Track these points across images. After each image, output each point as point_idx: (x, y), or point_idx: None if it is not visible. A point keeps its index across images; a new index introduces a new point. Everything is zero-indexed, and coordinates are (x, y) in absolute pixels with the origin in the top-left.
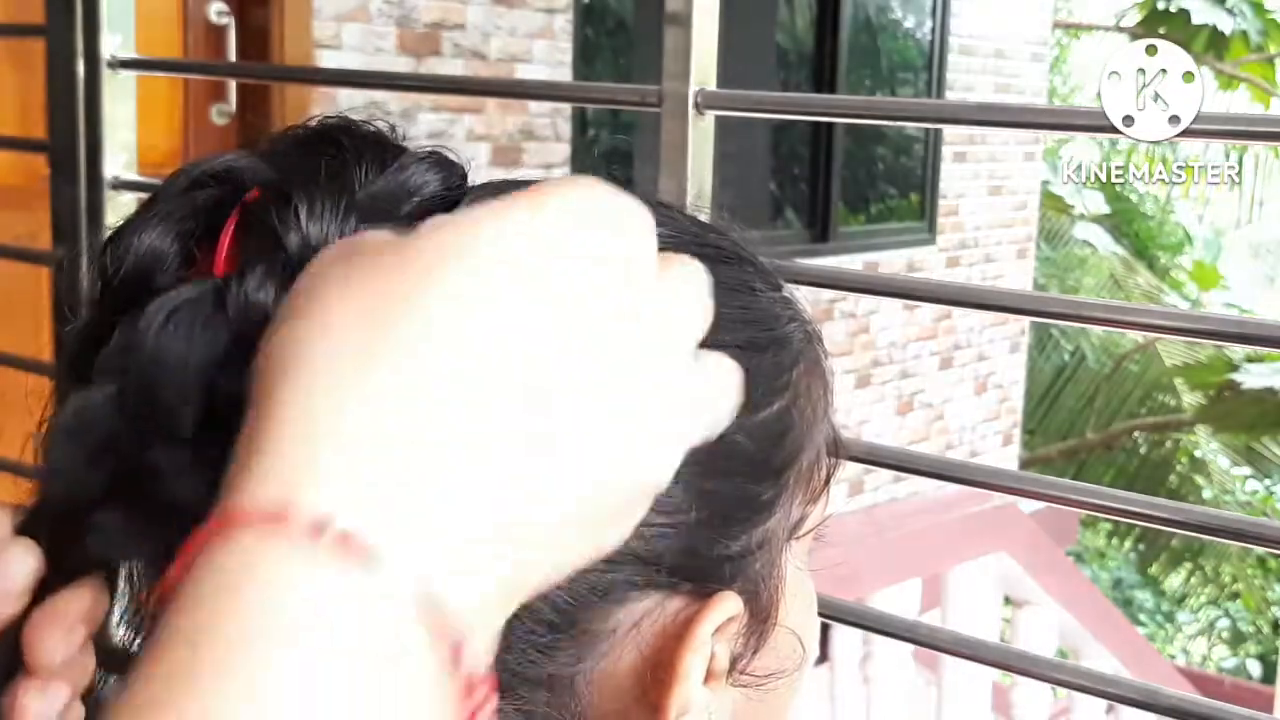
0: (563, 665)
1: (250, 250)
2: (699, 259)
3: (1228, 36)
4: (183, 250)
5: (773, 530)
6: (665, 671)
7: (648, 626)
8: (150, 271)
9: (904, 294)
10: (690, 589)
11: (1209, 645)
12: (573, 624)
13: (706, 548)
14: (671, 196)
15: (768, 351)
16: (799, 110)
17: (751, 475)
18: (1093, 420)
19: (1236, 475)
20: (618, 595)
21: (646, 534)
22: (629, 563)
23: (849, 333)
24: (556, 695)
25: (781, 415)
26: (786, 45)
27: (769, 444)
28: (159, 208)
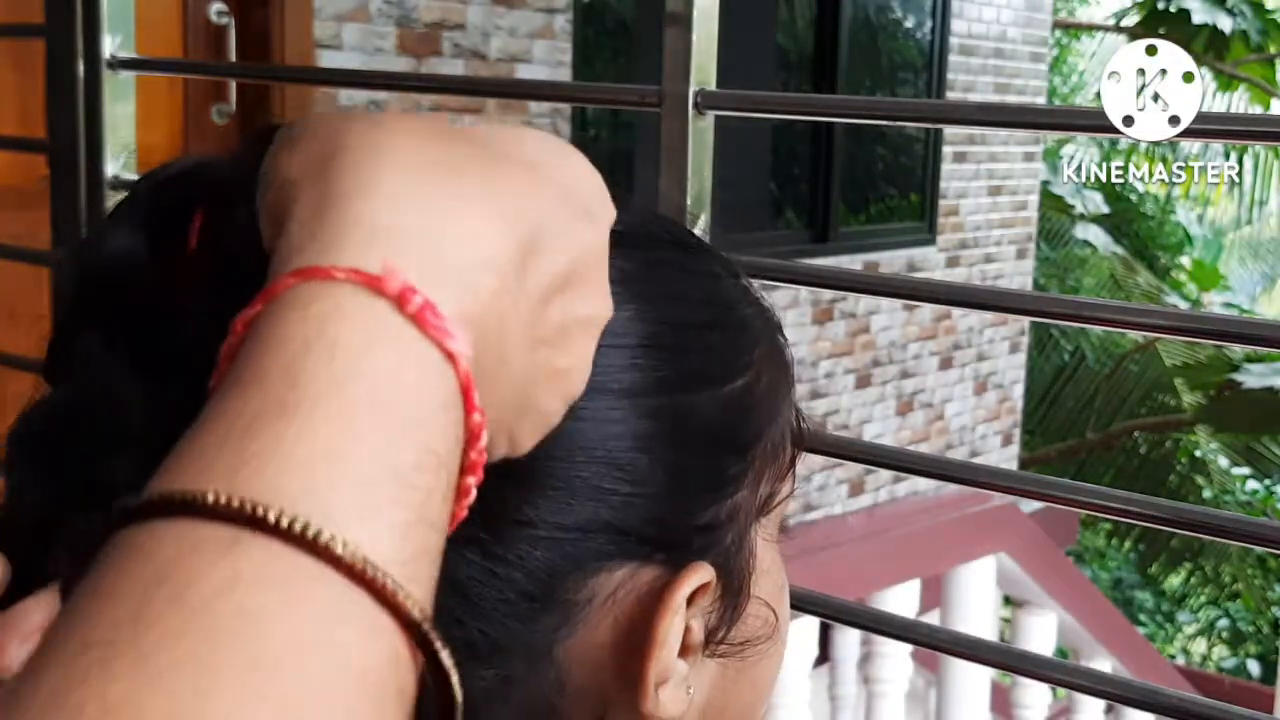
0: (540, 635)
1: (209, 252)
2: (662, 245)
3: (1228, 36)
4: (150, 250)
5: (741, 505)
6: (642, 640)
7: (623, 596)
8: (119, 271)
9: (904, 294)
10: (663, 559)
11: (1209, 645)
12: (549, 593)
13: (675, 518)
14: (672, 196)
15: (728, 331)
16: (799, 110)
17: (716, 448)
18: (1093, 420)
19: (1236, 475)
20: (592, 565)
21: (615, 502)
22: (601, 530)
23: (849, 333)
24: (535, 665)
25: (744, 392)
26: (786, 45)
27: (732, 419)
28: (125, 210)
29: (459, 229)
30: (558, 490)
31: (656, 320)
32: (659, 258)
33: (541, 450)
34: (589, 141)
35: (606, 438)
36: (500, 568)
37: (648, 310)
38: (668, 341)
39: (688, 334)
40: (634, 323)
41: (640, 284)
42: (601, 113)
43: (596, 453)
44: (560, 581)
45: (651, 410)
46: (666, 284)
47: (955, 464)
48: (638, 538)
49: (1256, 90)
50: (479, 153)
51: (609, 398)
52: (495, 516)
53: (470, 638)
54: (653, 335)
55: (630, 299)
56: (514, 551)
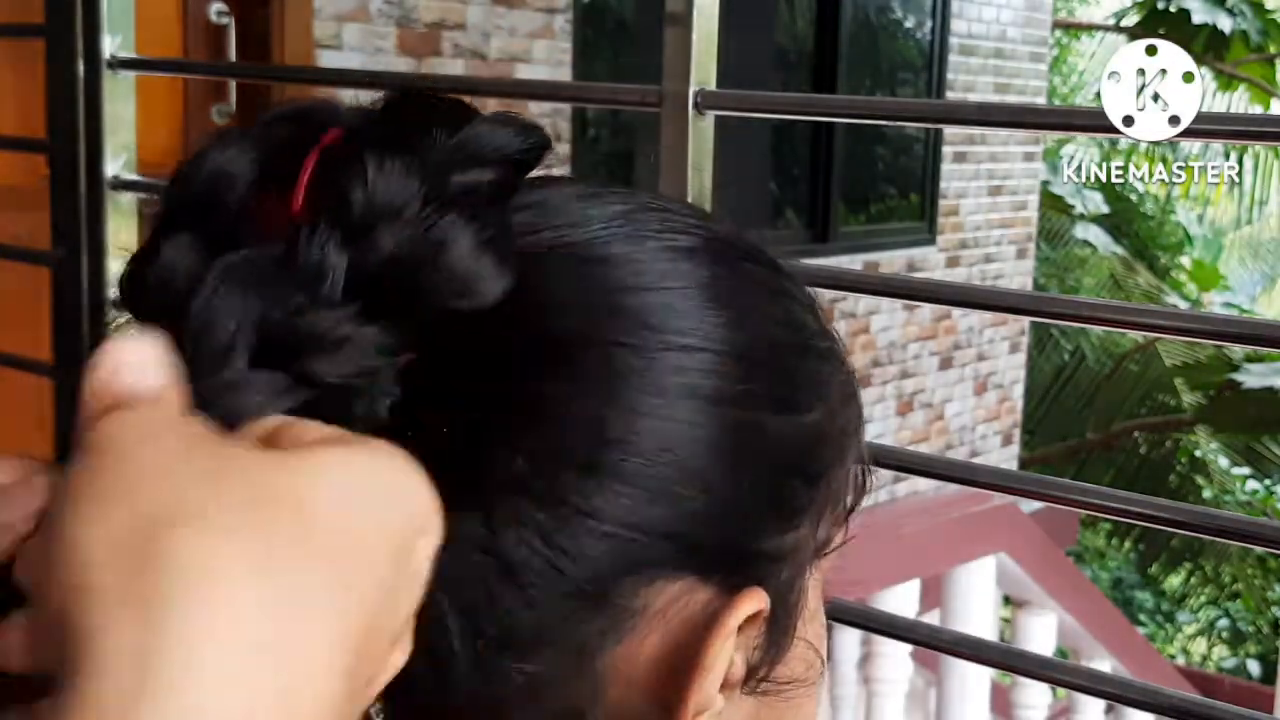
0: (587, 636)
1: (320, 199)
2: (754, 260)
3: (1228, 36)
4: (255, 176)
5: (803, 540)
6: (687, 663)
7: (674, 613)
8: (218, 192)
9: (904, 294)
10: (720, 580)
11: (1209, 645)
12: (603, 593)
13: (740, 539)
14: (671, 196)
15: (813, 359)
16: (799, 110)
17: (789, 475)
18: (1093, 420)
19: (1236, 475)
20: (650, 572)
21: (684, 509)
22: (665, 537)
23: (849, 333)
24: (577, 667)
25: (819, 425)
26: (786, 45)
27: (806, 450)
28: (237, 134)
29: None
30: (629, 486)
31: (747, 333)
32: (751, 272)
33: (617, 443)
34: (589, 142)
35: (684, 441)
36: (559, 558)
37: (738, 321)
38: (756, 357)
39: (776, 353)
40: (723, 330)
41: (732, 294)
42: (601, 113)
43: (672, 455)
44: (616, 583)
45: (732, 422)
46: (758, 300)
47: (955, 464)
48: (700, 552)
49: (1256, 90)
50: (324, 579)
51: (693, 401)
52: (560, 502)
53: (516, 626)
54: (742, 347)
55: (721, 307)
56: (576, 543)
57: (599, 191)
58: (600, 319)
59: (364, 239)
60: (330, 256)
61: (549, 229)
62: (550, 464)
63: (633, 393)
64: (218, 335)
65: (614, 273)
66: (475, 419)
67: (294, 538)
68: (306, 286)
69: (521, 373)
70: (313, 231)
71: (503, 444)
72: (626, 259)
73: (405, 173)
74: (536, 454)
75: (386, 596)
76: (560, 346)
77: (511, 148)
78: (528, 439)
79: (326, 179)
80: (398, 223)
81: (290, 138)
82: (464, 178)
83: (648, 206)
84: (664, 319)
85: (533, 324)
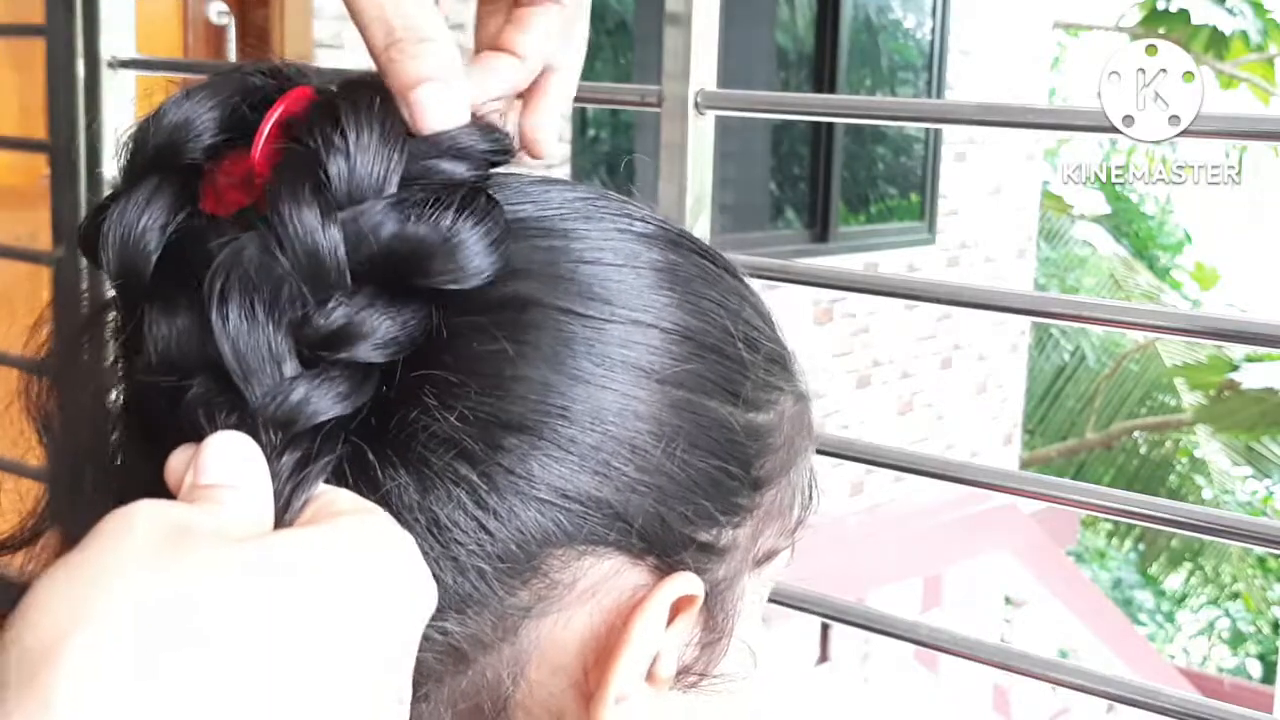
0: (511, 604)
1: (290, 166)
2: (704, 254)
3: (1228, 36)
4: (218, 125)
5: (740, 541)
6: (612, 647)
7: (605, 591)
8: (181, 142)
9: (904, 294)
10: (654, 564)
11: (1209, 645)
12: (532, 561)
13: (676, 522)
14: (671, 196)
15: (762, 356)
16: (799, 110)
17: (730, 469)
18: (1093, 420)
19: (1236, 475)
20: (581, 545)
21: (620, 483)
22: (598, 509)
23: (849, 333)
24: (495, 637)
25: (766, 429)
26: (786, 45)
27: (751, 449)
28: (202, 85)
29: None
30: (564, 452)
31: (696, 318)
32: (705, 265)
33: (556, 408)
34: (589, 142)
35: (624, 414)
36: (488, 519)
37: (689, 305)
38: (705, 341)
39: (725, 342)
40: (673, 310)
41: (685, 280)
42: (601, 113)
43: (612, 426)
44: (545, 552)
45: (676, 401)
46: (710, 289)
47: (955, 464)
48: (634, 530)
49: (1257, 90)
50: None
51: (636, 374)
52: (494, 463)
53: (440, 586)
54: (690, 329)
55: (673, 289)
56: (506, 505)
57: (559, 180)
58: (549, 285)
59: (352, 212)
60: (323, 234)
61: (507, 204)
62: (486, 424)
63: (577, 359)
64: (260, 345)
65: (570, 245)
66: (415, 377)
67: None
68: (309, 269)
69: (464, 332)
70: (296, 204)
71: (439, 402)
72: (581, 235)
73: (383, 146)
74: (473, 413)
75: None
76: (505, 308)
77: (481, 147)
78: (465, 398)
79: (298, 140)
80: (381, 200)
81: (255, 90)
82: (441, 163)
83: (607, 196)
84: (614, 292)
85: (481, 287)
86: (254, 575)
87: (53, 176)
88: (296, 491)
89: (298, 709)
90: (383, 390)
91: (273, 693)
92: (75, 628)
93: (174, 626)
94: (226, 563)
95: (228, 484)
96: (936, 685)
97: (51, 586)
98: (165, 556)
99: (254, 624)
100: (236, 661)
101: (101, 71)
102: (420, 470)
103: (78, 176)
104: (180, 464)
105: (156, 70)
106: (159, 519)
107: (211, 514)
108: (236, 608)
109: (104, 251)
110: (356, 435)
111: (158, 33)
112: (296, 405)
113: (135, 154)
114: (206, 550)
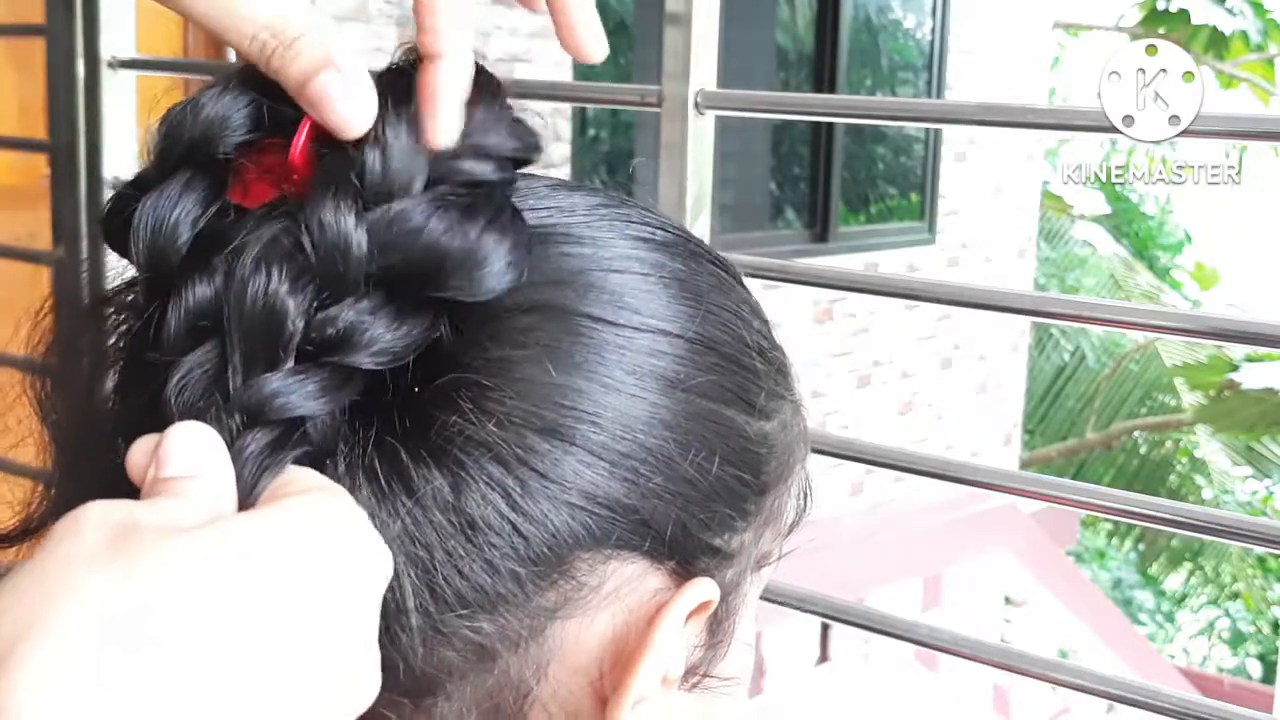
0: (540, 605)
1: (330, 161)
2: (717, 264)
3: (1228, 36)
4: (252, 121)
5: (746, 545)
6: (631, 649)
7: (626, 596)
8: (216, 137)
9: (904, 294)
10: (671, 569)
11: (1209, 645)
12: (562, 563)
13: (695, 528)
14: (671, 196)
15: (772, 367)
16: (799, 110)
17: (744, 475)
18: (1093, 420)
19: (1236, 475)
20: (608, 549)
21: (645, 490)
22: (625, 515)
23: (849, 333)
24: (522, 637)
25: (773, 434)
26: (786, 45)
27: (761, 451)
28: (236, 78)
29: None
30: (595, 458)
31: (716, 328)
32: (719, 275)
33: (588, 415)
34: (589, 142)
35: (653, 422)
36: (522, 521)
37: (708, 316)
38: (724, 352)
39: (742, 353)
40: (695, 322)
41: (703, 291)
42: (601, 113)
43: (640, 434)
44: (574, 555)
45: (699, 411)
46: (726, 300)
47: (955, 464)
48: (657, 535)
49: (1257, 90)
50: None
51: (663, 384)
52: (528, 468)
53: (472, 586)
54: (711, 340)
55: (693, 299)
56: (539, 508)
57: (578, 184)
58: (581, 293)
59: (381, 213)
60: (351, 231)
61: (532, 211)
62: (521, 429)
63: (609, 368)
64: (271, 329)
65: (599, 253)
66: (450, 380)
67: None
68: (331, 266)
69: (499, 338)
70: (326, 197)
71: (475, 405)
72: (607, 243)
73: (413, 147)
74: (508, 418)
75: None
76: (539, 314)
77: (508, 147)
78: (501, 402)
79: (329, 138)
80: (409, 199)
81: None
82: (467, 164)
83: (625, 202)
84: (643, 302)
85: (513, 291)
86: (199, 564)
87: (53, 176)
88: (260, 479)
89: (259, 694)
90: (415, 391)
91: (231, 680)
92: (22, 638)
93: (122, 628)
94: (170, 558)
95: (188, 475)
96: (936, 685)
97: (2, 598)
98: (111, 558)
99: (202, 615)
100: (186, 656)
101: (101, 71)
102: (455, 472)
103: (78, 176)
104: (142, 455)
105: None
106: (106, 520)
107: (161, 509)
108: (183, 601)
109: (134, 242)
110: (390, 436)
111: (158, 33)
112: (267, 397)
113: (169, 145)
114: (150, 546)
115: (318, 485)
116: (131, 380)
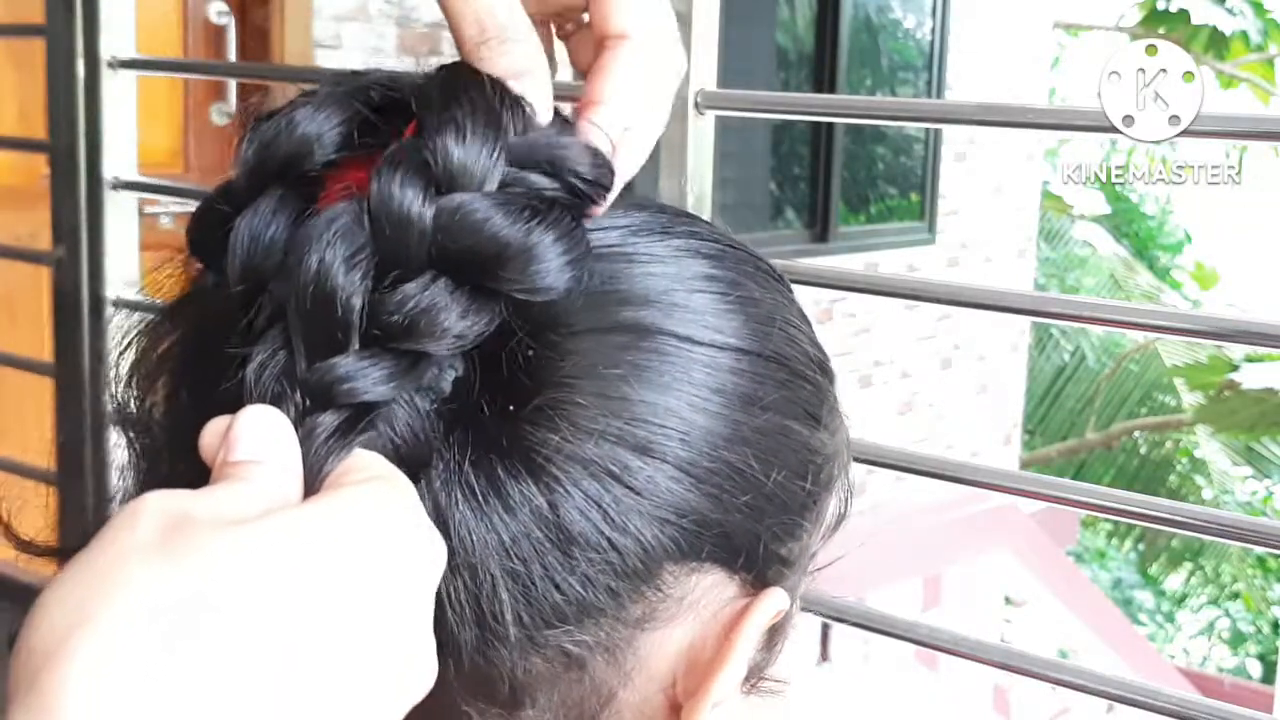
0: (630, 617)
1: (402, 147)
2: (770, 276)
3: (1228, 36)
4: (341, 140)
5: (805, 550)
6: (706, 657)
7: (705, 604)
8: (307, 154)
9: (904, 294)
10: (745, 579)
11: (1209, 645)
12: (651, 575)
13: (769, 539)
14: (671, 197)
15: (826, 378)
16: (799, 110)
17: (803, 484)
18: (1093, 420)
19: (1236, 475)
20: (692, 561)
21: (726, 504)
22: (707, 528)
23: (849, 333)
24: (612, 647)
25: (824, 444)
26: (786, 45)
27: (822, 461)
28: (322, 97)
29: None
30: (683, 474)
31: (786, 343)
32: (779, 291)
33: (677, 433)
34: None
35: (735, 439)
36: (617, 535)
37: (782, 333)
38: (792, 368)
39: (806, 367)
40: (764, 340)
41: (768, 308)
42: None
43: (724, 451)
44: (663, 567)
45: (775, 428)
46: (788, 316)
47: (955, 464)
48: (734, 547)
49: (1257, 90)
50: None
51: (744, 402)
52: (623, 483)
53: (568, 599)
54: (785, 356)
55: (770, 316)
56: (632, 523)
57: (634, 199)
58: (666, 312)
59: (447, 200)
60: (412, 204)
61: (606, 230)
62: (615, 446)
63: (696, 386)
64: (334, 313)
65: (681, 272)
66: (547, 399)
67: None
68: (389, 242)
69: (591, 356)
70: (395, 172)
71: (571, 424)
72: (686, 262)
73: (490, 141)
74: (604, 435)
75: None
76: (628, 334)
77: (585, 172)
78: (595, 420)
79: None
80: (479, 193)
81: (375, 101)
82: (542, 177)
83: (687, 218)
84: (723, 320)
85: (601, 311)
86: (248, 557)
87: (53, 176)
88: (326, 463)
89: (307, 691)
90: (511, 409)
91: (279, 674)
92: (74, 630)
93: (171, 620)
94: (221, 550)
95: (256, 459)
96: (936, 685)
97: (57, 589)
98: (163, 549)
99: (251, 607)
100: (234, 648)
101: (101, 71)
102: (552, 488)
103: (78, 176)
104: (213, 437)
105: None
106: (162, 510)
107: (218, 499)
108: (232, 594)
109: (231, 259)
110: (487, 451)
111: (158, 33)
112: (334, 381)
113: (262, 161)
114: (202, 538)
115: (379, 473)
116: (211, 380)
